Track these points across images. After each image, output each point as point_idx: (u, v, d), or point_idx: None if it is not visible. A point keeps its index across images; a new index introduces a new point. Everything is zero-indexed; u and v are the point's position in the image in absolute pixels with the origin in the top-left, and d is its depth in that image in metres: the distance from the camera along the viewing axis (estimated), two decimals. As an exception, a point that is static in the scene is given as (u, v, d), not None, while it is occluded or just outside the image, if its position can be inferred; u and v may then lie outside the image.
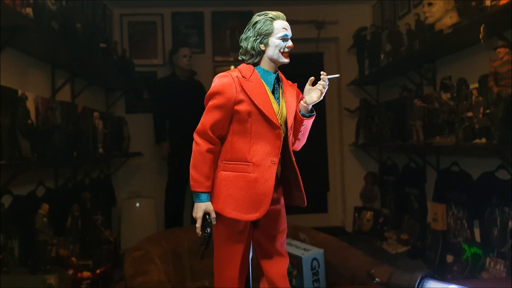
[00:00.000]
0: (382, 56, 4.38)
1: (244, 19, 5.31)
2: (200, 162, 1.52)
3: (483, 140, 2.74)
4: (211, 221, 1.53)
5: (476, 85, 2.92)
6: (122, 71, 4.65)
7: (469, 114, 2.86)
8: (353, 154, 5.49)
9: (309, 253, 2.55)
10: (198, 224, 1.53)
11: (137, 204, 5.02)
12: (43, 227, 2.96)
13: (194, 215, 1.54)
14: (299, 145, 1.71)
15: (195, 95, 4.88)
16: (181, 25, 5.34)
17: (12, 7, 2.51)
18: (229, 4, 5.29)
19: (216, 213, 1.54)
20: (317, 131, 5.68)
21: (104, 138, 4.20)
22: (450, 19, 3.07)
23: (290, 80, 1.74)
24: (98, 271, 3.19)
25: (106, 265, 3.51)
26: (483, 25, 2.58)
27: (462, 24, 2.89)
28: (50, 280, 2.66)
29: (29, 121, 2.81)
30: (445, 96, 3.24)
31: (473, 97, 2.84)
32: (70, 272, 3.03)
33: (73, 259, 3.14)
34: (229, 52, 5.40)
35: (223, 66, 5.41)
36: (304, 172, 5.71)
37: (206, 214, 1.53)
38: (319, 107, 6.45)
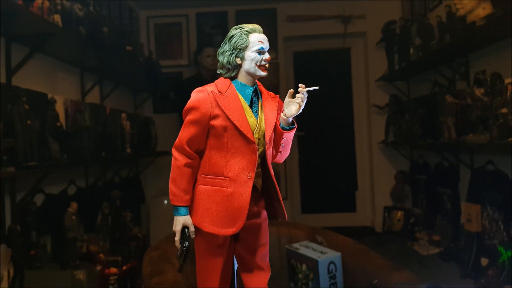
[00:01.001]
0: (411, 50, 4.25)
1: (268, 17, 5.37)
2: (178, 176, 1.53)
3: (519, 137, 2.61)
4: (189, 235, 1.54)
5: (511, 80, 2.78)
6: (149, 72, 4.71)
7: (504, 110, 2.73)
8: (383, 152, 5.37)
9: (326, 256, 2.51)
10: (177, 238, 1.55)
11: (165, 202, 5.08)
12: (72, 224, 3.07)
13: (173, 228, 1.56)
14: (281, 157, 1.69)
15: (220, 95, 4.90)
16: (206, 25, 5.37)
17: (40, 15, 2.59)
18: (253, 2, 5.28)
19: (195, 226, 1.55)
20: (345, 128, 5.60)
21: (132, 138, 4.28)
22: (483, 10, 2.93)
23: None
24: (124, 267, 3.26)
25: (133, 261, 3.57)
26: (518, 16, 2.45)
27: (495, 15, 2.75)
28: (79, 276, 2.74)
29: (58, 124, 2.89)
30: (478, 91, 3.10)
31: (508, 92, 2.70)
32: (98, 268, 3.10)
33: (101, 255, 3.23)
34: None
35: (248, 65, 5.41)
36: (331, 171, 5.62)
37: (184, 227, 1.54)
38: (346, 104, 6.36)
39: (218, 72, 1.61)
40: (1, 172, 2.29)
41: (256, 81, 1.61)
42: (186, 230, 1.54)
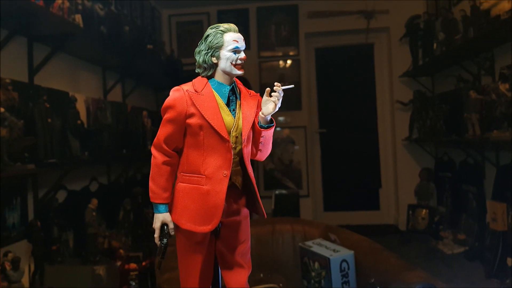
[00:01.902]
0: (435, 45, 4.14)
1: (290, 14, 5.34)
2: (156, 174, 1.56)
3: (545, 134, 2.50)
4: (168, 232, 1.56)
5: (537, 74, 2.67)
6: (170, 70, 4.77)
7: (529, 106, 2.63)
8: (407, 149, 5.26)
9: (338, 254, 2.48)
10: (156, 235, 1.57)
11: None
12: (92, 220, 3.14)
13: (153, 225, 1.59)
14: (262, 156, 1.68)
15: (241, 92, 4.92)
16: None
17: (60, 16, 2.66)
18: (274, -1, 5.27)
19: (174, 224, 1.57)
20: (368, 125, 5.52)
21: (153, 135, 4.34)
22: (508, 3, 2.83)
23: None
24: (143, 263, 3.31)
25: (153, 257, 3.63)
26: (543, 8, 2.35)
27: (520, 8, 2.65)
28: (99, 271, 2.81)
29: (79, 122, 2.96)
30: (503, 87, 3.00)
31: (534, 87, 2.60)
32: (118, 263, 3.17)
33: (121, 251, 3.29)
34: (274, 47, 5.39)
35: (268, 62, 5.40)
36: (354, 168, 5.56)
37: (164, 224, 1.57)
38: (369, 101, 6.28)
39: (196, 71, 1.63)
40: (22, 169, 2.36)
41: (235, 79, 1.62)
42: (165, 227, 1.57)
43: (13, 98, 2.43)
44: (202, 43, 1.59)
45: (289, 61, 5.44)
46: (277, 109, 1.57)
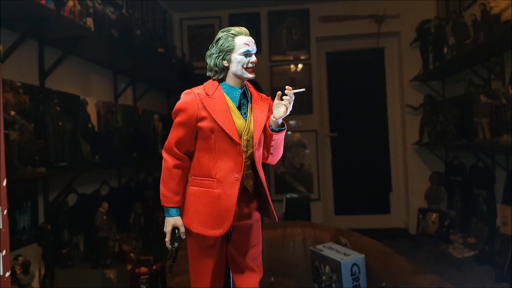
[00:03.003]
0: (445, 49, 4.12)
1: (301, 18, 5.35)
2: (167, 178, 1.55)
3: (556, 139, 2.47)
4: (179, 236, 1.56)
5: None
6: (182, 74, 4.81)
7: (540, 110, 2.60)
8: (417, 153, 5.23)
9: (349, 258, 2.47)
10: (167, 239, 1.57)
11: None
12: (103, 224, 3.16)
13: (164, 229, 1.58)
14: (273, 159, 1.67)
15: (251, 96, 4.94)
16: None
17: (71, 19, 2.70)
18: (286, 3, 5.28)
19: (186, 227, 1.56)
20: (379, 129, 5.49)
21: (164, 139, 4.37)
22: (518, 7, 2.81)
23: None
24: (154, 267, 3.33)
25: (163, 261, 3.64)
26: (553, 12, 2.33)
27: (531, 12, 2.63)
28: (109, 275, 2.82)
29: (89, 125, 3.00)
30: (514, 91, 2.97)
31: (544, 92, 2.57)
32: (129, 267, 3.19)
33: (132, 255, 3.30)
34: (285, 51, 5.40)
35: (279, 66, 5.41)
36: (365, 172, 5.55)
37: (175, 228, 1.56)
38: (380, 105, 6.25)
39: (207, 74, 1.63)
40: (33, 172, 2.39)
41: (246, 82, 1.61)
42: (176, 231, 1.56)
43: (24, 101, 2.45)
44: (213, 47, 1.59)
45: (300, 65, 5.45)
46: (288, 112, 1.56)
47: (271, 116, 1.58)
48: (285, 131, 1.61)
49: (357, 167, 5.57)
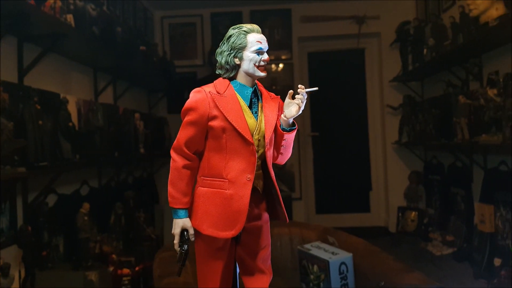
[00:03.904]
0: (425, 50, 4.20)
1: (283, 18, 5.37)
2: (176, 178, 1.51)
3: (532, 139, 2.55)
4: (188, 238, 1.52)
5: (525, 80, 2.73)
6: (163, 72, 4.76)
7: (517, 111, 2.68)
8: (397, 153, 5.32)
9: (337, 257, 2.49)
10: (176, 241, 1.53)
11: (179, 202, 5.11)
12: (84, 225, 3.09)
13: (172, 231, 1.54)
14: (282, 159, 1.65)
15: (233, 95, 4.92)
16: (220, 25, 5.40)
17: (52, 15, 2.63)
18: (268, 3, 5.29)
19: (195, 229, 1.52)
20: (359, 129, 5.56)
21: (146, 138, 4.33)
22: (496, 11, 2.88)
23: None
24: (137, 268, 3.28)
25: (146, 262, 3.61)
26: (531, 16, 2.40)
27: (508, 16, 2.71)
28: (91, 277, 2.77)
29: (70, 124, 2.94)
30: (492, 92, 3.05)
31: (521, 93, 2.65)
32: (111, 268, 3.13)
33: (113, 256, 3.25)
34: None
35: (262, 65, 5.41)
36: (345, 171, 5.61)
37: (184, 230, 1.52)
38: (360, 105, 6.33)
39: (216, 72, 1.59)
40: (12, 172, 2.32)
41: (256, 81, 1.59)
42: (185, 233, 1.52)
43: (3, 99, 2.37)
44: (224, 44, 1.55)
45: (281, 65, 5.47)
46: (300, 112, 1.54)
47: (282, 116, 1.55)
48: (296, 130, 1.58)
49: (338, 166, 5.63)
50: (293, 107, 1.53)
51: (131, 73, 4.19)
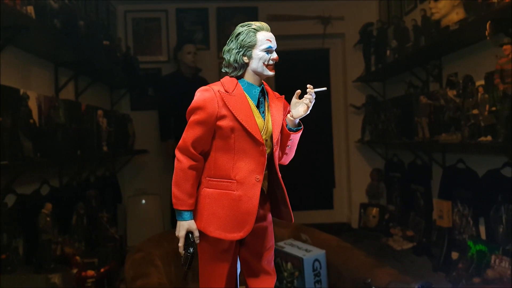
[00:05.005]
0: (388, 52, 4.32)
1: (250, 16, 5.36)
2: (182, 179, 1.47)
3: (489, 137, 2.69)
4: (194, 240, 1.48)
5: (482, 82, 2.86)
6: (126, 68, 4.64)
7: (475, 111, 2.81)
8: (359, 151, 5.46)
9: (311, 254, 2.53)
10: (181, 244, 1.49)
11: (143, 201, 5.03)
12: (46, 226, 2.97)
13: (176, 234, 1.49)
14: (286, 159, 1.65)
15: (199, 92, 4.87)
16: (186, 22, 5.32)
17: (12, 6, 2.50)
18: (234, 0, 5.26)
19: (200, 231, 1.49)
20: (323, 128, 5.66)
21: (109, 136, 4.21)
22: (457, 15, 3.01)
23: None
24: (102, 269, 3.19)
25: (111, 263, 3.51)
26: (489, 21, 2.52)
27: (468, 20, 2.83)
28: (54, 279, 2.66)
29: (31, 121, 2.81)
30: (451, 93, 3.19)
31: (479, 94, 2.79)
32: (75, 271, 3.03)
33: (77, 258, 3.15)
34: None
35: (227, 63, 5.39)
36: (310, 169, 5.71)
37: (189, 233, 1.49)
38: (325, 104, 6.40)
39: (223, 70, 1.56)
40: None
41: (262, 81, 1.57)
42: (190, 235, 1.48)
43: (-42, 94, 2.25)
44: (232, 41, 1.52)
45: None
46: (308, 112, 1.53)
47: (289, 115, 1.54)
48: (302, 130, 1.58)
49: (302, 164, 5.69)
50: (301, 107, 1.53)
51: (94, 68, 4.04)
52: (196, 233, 1.49)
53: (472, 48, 3.25)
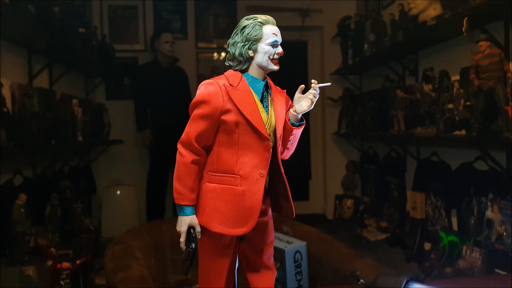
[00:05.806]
0: (365, 46, 4.38)
1: (228, 6, 5.32)
2: (184, 174, 1.45)
3: (463, 132, 2.78)
4: (195, 236, 1.47)
5: (458, 77, 2.95)
6: (102, 56, 4.54)
7: (450, 106, 2.89)
8: (335, 143, 5.53)
9: (292, 246, 2.56)
10: (182, 239, 1.47)
11: (118, 192, 4.96)
12: (20, 218, 2.89)
13: (178, 229, 1.48)
14: (287, 154, 1.66)
15: (177, 82, 4.81)
16: (163, 10, 5.22)
17: (-15, -10, 2.40)
18: (213, -11, 5.21)
19: (201, 226, 1.48)
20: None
21: (84, 125, 4.12)
22: (434, 10, 3.08)
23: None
24: (78, 261, 3.14)
25: (86, 255, 3.46)
26: (466, 18, 2.59)
27: (445, 16, 2.90)
28: (29, 272, 2.61)
29: (5, 109, 2.72)
30: (427, 87, 3.27)
31: (454, 89, 2.86)
32: (49, 263, 2.97)
33: (52, 249, 3.08)
34: (212, 39, 5.34)
35: (205, 53, 5.34)
36: (286, 161, 5.75)
37: (190, 228, 1.47)
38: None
39: (227, 64, 1.54)
40: None
41: (266, 75, 1.56)
42: (192, 230, 1.46)
43: None
44: (238, 34, 1.49)
45: (224, 54, 5.42)
46: (312, 107, 1.53)
47: (291, 110, 1.53)
48: (304, 125, 1.58)
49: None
50: (305, 102, 1.53)
51: (69, 56, 3.94)
52: (198, 228, 1.48)
53: (448, 44, 3.33)
